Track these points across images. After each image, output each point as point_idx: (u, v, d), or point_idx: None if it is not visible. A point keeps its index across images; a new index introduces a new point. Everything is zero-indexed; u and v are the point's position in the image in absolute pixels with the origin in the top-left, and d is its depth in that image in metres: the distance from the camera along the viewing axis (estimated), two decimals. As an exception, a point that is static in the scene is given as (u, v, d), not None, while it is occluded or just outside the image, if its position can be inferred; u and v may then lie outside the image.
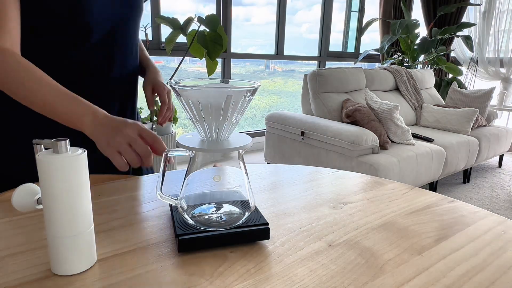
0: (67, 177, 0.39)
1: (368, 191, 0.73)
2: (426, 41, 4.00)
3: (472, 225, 0.60)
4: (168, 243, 0.50)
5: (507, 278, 0.45)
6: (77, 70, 0.73)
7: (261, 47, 3.76)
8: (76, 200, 0.41)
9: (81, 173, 0.41)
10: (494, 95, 3.40)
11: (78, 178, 0.40)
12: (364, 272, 0.45)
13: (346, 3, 4.31)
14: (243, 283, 0.42)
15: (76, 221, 0.41)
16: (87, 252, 0.43)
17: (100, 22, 0.72)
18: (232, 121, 0.48)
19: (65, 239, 0.41)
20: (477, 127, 3.02)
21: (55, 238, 0.41)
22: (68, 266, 0.42)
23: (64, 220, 0.40)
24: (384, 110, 2.41)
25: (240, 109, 0.47)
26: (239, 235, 0.49)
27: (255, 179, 0.78)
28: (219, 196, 0.52)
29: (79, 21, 0.69)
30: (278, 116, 2.63)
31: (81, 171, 0.41)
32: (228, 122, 0.47)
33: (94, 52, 0.74)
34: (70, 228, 0.41)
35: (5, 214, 0.57)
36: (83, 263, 0.43)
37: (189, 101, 0.45)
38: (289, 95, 5.30)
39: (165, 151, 0.50)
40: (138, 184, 0.71)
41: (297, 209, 0.63)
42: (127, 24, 0.79)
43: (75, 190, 0.40)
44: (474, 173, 3.22)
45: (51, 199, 0.40)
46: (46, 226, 0.41)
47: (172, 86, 0.45)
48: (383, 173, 2.01)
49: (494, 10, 4.31)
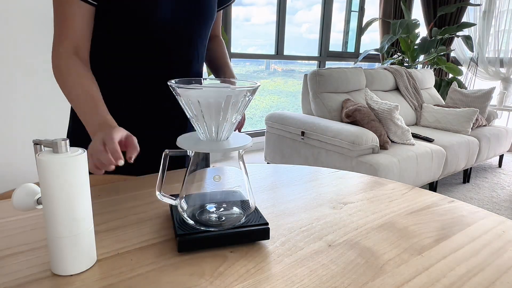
0: (67, 177, 0.39)
1: (368, 191, 0.73)
2: (426, 41, 4.00)
3: (472, 225, 0.60)
4: (168, 243, 0.50)
5: (507, 278, 0.45)
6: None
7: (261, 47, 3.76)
8: (76, 200, 0.41)
9: (81, 173, 0.41)
10: (494, 95, 3.40)
11: (78, 178, 0.40)
12: (364, 272, 0.45)
13: (346, 3, 4.31)
14: (243, 283, 0.42)
15: (76, 221, 0.41)
16: (87, 252, 0.43)
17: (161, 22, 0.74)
18: (232, 121, 0.48)
19: (65, 239, 0.41)
20: (477, 127, 3.02)
21: (55, 238, 0.41)
22: (68, 266, 0.42)
23: (64, 220, 0.40)
24: (384, 110, 2.41)
25: (240, 109, 0.47)
26: (239, 235, 0.49)
27: (255, 179, 0.78)
28: (219, 196, 0.52)
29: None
30: (278, 116, 2.63)
31: (81, 171, 0.41)
32: (228, 122, 0.47)
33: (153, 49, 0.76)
34: (70, 228, 0.41)
35: (5, 214, 0.57)
36: (83, 263, 0.43)
37: (189, 101, 0.45)
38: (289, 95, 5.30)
39: (165, 151, 0.50)
40: (138, 184, 0.71)
41: (297, 209, 0.63)
42: (187, 28, 0.79)
43: (75, 190, 0.40)
44: (474, 173, 3.22)
45: (51, 199, 0.40)
46: (46, 226, 0.41)
47: (172, 86, 0.45)
48: (383, 173, 2.00)
49: (494, 10, 4.31)
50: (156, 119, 0.82)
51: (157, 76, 0.79)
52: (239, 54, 3.42)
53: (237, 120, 0.49)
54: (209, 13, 0.81)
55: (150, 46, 0.76)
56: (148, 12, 0.72)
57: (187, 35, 0.79)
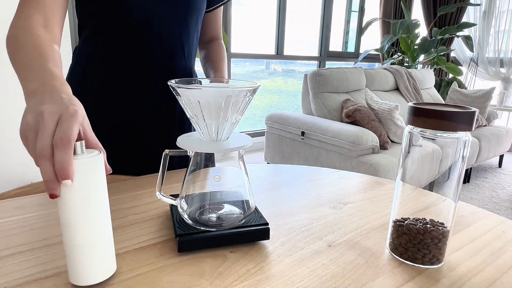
0: (84, 180, 0.37)
1: (368, 191, 0.73)
2: (426, 41, 4.00)
3: (472, 225, 0.60)
4: (168, 243, 0.50)
5: (507, 278, 0.45)
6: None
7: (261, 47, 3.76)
8: (95, 204, 0.38)
9: (98, 175, 0.38)
10: (494, 95, 3.40)
11: (95, 181, 0.38)
12: (364, 272, 0.45)
13: (346, 3, 4.31)
14: (243, 283, 0.42)
15: (94, 226, 0.38)
16: (108, 259, 0.41)
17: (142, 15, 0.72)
18: (232, 121, 0.48)
19: (83, 247, 0.38)
20: (477, 127, 3.02)
21: (73, 246, 0.38)
22: (88, 275, 0.39)
23: (82, 226, 0.38)
24: (384, 110, 2.41)
25: (240, 109, 0.47)
26: (239, 235, 0.49)
27: (255, 179, 0.78)
28: (219, 196, 0.52)
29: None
30: (278, 116, 2.63)
31: (99, 174, 0.38)
32: (228, 122, 0.47)
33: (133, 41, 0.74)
34: (89, 235, 0.38)
35: (5, 214, 0.57)
36: (103, 272, 0.40)
37: (189, 101, 0.45)
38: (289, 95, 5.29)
39: (165, 151, 0.50)
40: (138, 184, 0.71)
41: (297, 209, 0.63)
42: (168, 21, 0.75)
43: (93, 193, 0.38)
44: (474, 173, 3.22)
45: (68, 204, 0.37)
46: (62, 233, 0.38)
47: (172, 86, 0.45)
48: (383, 173, 2.00)
49: (494, 10, 4.31)
50: (157, 118, 0.82)
51: (139, 68, 0.76)
52: (239, 54, 3.42)
53: (237, 120, 0.49)
54: (194, 4, 0.78)
55: (128, 33, 0.73)
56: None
57: (167, 26, 0.76)
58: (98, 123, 0.71)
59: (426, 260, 0.46)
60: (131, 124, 0.79)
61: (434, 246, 0.46)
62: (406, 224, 0.47)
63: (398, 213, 0.49)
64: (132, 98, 0.78)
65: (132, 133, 0.80)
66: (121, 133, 0.79)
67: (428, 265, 0.46)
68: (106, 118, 0.77)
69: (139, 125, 0.80)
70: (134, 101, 0.78)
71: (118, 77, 0.76)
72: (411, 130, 0.45)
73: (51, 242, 0.49)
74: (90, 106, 0.58)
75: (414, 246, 0.46)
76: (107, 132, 0.73)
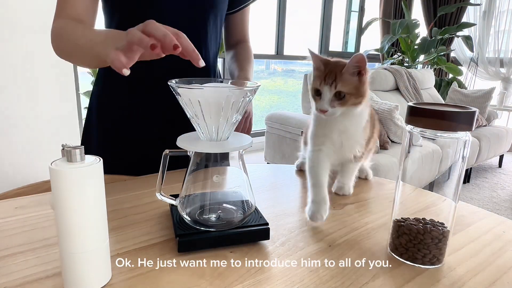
0: (82, 189, 0.36)
1: (368, 191, 0.73)
2: (426, 41, 4.00)
3: (472, 225, 0.60)
4: (168, 243, 0.50)
5: (507, 278, 0.45)
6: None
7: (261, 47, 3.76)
8: (92, 213, 0.38)
9: (96, 184, 0.38)
10: (494, 95, 3.40)
11: (93, 189, 0.37)
12: (364, 272, 0.45)
13: (346, 3, 4.31)
14: (243, 283, 0.42)
15: (90, 235, 0.38)
16: (103, 268, 0.40)
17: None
18: (232, 121, 0.48)
19: (79, 255, 0.38)
20: (477, 127, 3.02)
21: (69, 254, 0.38)
22: (83, 284, 0.39)
23: (79, 234, 0.37)
24: (384, 110, 2.41)
25: (240, 109, 0.47)
26: (239, 235, 0.49)
27: (255, 179, 0.78)
28: (219, 196, 0.52)
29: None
30: (278, 116, 2.63)
31: (97, 182, 0.38)
32: (228, 122, 0.47)
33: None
34: (85, 244, 0.38)
35: (5, 214, 0.57)
36: (98, 280, 0.40)
37: (189, 101, 0.45)
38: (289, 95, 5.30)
39: (165, 151, 0.50)
40: (138, 184, 0.71)
41: (297, 209, 0.63)
42: (183, 18, 0.74)
43: (91, 202, 0.37)
44: (474, 173, 3.22)
45: (64, 212, 0.36)
46: (59, 241, 0.38)
47: (172, 86, 0.45)
48: (383, 173, 2.00)
49: (494, 10, 4.31)
50: (156, 118, 0.82)
51: (154, 64, 0.76)
52: (239, 54, 3.41)
53: (237, 120, 0.49)
54: (211, 2, 0.76)
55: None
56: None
57: (182, 25, 0.75)
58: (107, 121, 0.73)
59: (426, 260, 0.46)
60: (137, 125, 0.80)
61: (434, 246, 0.46)
62: (406, 224, 0.47)
63: (398, 213, 0.49)
64: (140, 97, 0.78)
65: (135, 133, 0.80)
66: (125, 133, 0.80)
67: (428, 265, 0.46)
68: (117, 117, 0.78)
69: (144, 126, 0.81)
70: (142, 100, 0.79)
71: (134, 76, 0.77)
72: (411, 130, 0.45)
73: (51, 242, 0.49)
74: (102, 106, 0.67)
75: (414, 246, 0.46)
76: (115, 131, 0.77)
